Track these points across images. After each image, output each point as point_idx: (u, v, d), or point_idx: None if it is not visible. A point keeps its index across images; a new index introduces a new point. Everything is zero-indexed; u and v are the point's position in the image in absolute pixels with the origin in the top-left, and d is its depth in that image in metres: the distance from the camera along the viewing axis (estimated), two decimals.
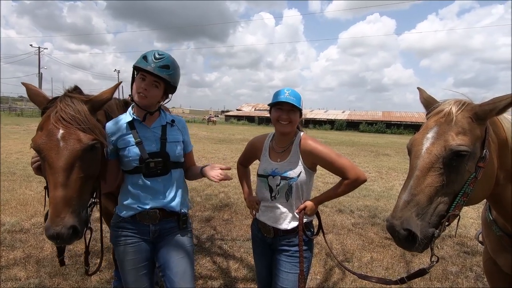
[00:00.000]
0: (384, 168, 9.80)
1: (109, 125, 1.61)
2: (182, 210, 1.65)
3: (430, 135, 1.25)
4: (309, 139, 1.68)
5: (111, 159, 1.57)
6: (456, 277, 3.11)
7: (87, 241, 1.52)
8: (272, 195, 1.66)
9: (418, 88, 1.54)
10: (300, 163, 1.63)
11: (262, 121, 52.45)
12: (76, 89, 1.54)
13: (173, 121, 1.70)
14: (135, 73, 1.59)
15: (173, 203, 1.60)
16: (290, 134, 1.68)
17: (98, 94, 1.50)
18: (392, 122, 45.72)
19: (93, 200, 1.45)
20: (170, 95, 1.71)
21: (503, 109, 1.18)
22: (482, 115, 1.20)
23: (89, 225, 1.40)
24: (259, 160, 1.78)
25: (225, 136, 20.06)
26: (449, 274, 3.17)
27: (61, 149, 1.28)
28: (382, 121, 46.73)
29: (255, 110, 60.76)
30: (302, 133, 1.72)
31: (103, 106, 1.52)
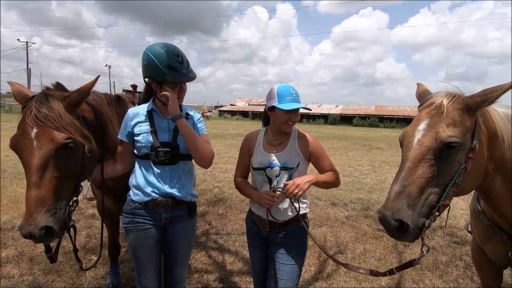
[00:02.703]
0: (377, 162, 9.92)
1: (131, 111, 1.70)
2: (191, 200, 1.73)
3: (421, 127, 1.27)
4: (305, 133, 1.76)
5: (127, 142, 1.67)
6: (446, 266, 3.19)
7: (72, 238, 1.53)
8: (272, 186, 1.67)
9: (417, 83, 1.56)
10: (298, 154, 1.68)
11: (256, 116, 52.37)
12: (57, 86, 1.52)
13: (187, 114, 1.73)
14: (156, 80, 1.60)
15: (180, 193, 1.65)
16: None
17: (75, 90, 1.48)
18: (385, 116, 46.12)
19: (75, 198, 1.45)
20: None
21: (494, 100, 1.21)
22: (474, 107, 1.22)
23: (70, 223, 1.41)
24: (251, 154, 1.78)
25: (219, 132, 20.00)
26: (439, 263, 3.25)
27: (35, 148, 1.28)
28: (375, 115, 47.10)
29: (249, 105, 60.59)
30: (297, 128, 1.75)
31: (81, 103, 1.51)
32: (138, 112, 1.67)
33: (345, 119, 48.48)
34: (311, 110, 1.80)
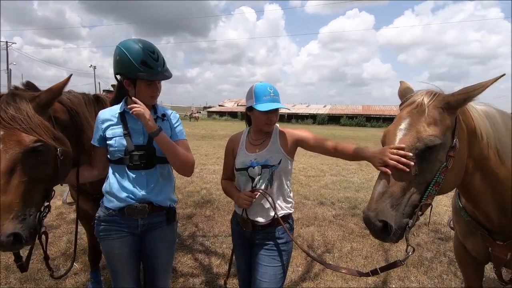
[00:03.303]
0: (364, 161, 10.06)
1: (103, 113, 1.60)
2: (171, 205, 1.65)
3: (402, 126, 1.27)
4: (286, 128, 1.74)
5: (99, 147, 1.58)
6: (431, 263, 3.24)
7: (43, 246, 1.47)
8: (253, 185, 1.64)
9: (400, 82, 1.57)
10: (280, 151, 1.64)
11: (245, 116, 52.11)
12: (27, 85, 1.45)
13: (164, 115, 1.65)
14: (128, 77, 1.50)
15: (158, 198, 1.58)
16: None
17: (45, 90, 1.42)
18: (372, 116, 46.93)
19: (47, 203, 1.38)
20: None
21: (474, 98, 1.21)
22: (455, 105, 1.23)
23: (42, 230, 1.34)
24: (235, 156, 1.74)
25: (207, 132, 19.83)
26: (424, 260, 3.29)
27: (1, 152, 1.21)
28: (362, 114, 47.87)
29: (237, 105, 60.45)
30: (278, 125, 1.72)
31: (52, 103, 1.44)
32: (110, 114, 1.59)
33: (333, 119, 49.07)
34: (289, 109, 1.77)
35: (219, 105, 65.70)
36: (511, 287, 1.62)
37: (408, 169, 1.17)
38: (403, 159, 1.17)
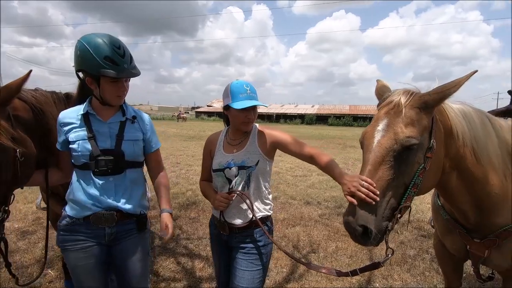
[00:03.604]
0: (351, 160, 10.15)
1: (64, 114, 1.49)
2: (141, 212, 1.55)
3: (380, 127, 1.25)
4: (265, 128, 1.68)
5: (63, 151, 1.49)
6: (414, 260, 3.28)
7: (3, 252, 1.38)
8: (230, 187, 1.59)
9: (377, 80, 1.55)
10: (258, 152, 1.60)
11: None
12: None
13: (134, 117, 1.56)
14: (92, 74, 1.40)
15: (127, 205, 1.48)
16: None
17: (2, 87, 1.32)
18: (359, 115, 47.62)
19: (6, 208, 1.30)
20: None
21: (450, 96, 1.21)
22: (432, 103, 1.22)
23: (1, 235, 1.27)
24: (213, 157, 1.69)
25: (195, 133, 19.64)
26: (407, 257, 3.33)
27: None
28: (349, 114, 48.52)
29: None
30: (257, 125, 1.68)
31: (9, 101, 1.34)
32: (72, 115, 1.47)
33: (321, 119, 49.55)
34: (267, 106, 1.72)
35: (207, 106, 65.25)
36: (489, 284, 1.64)
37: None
38: (371, 194, 1.15)
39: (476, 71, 1.21)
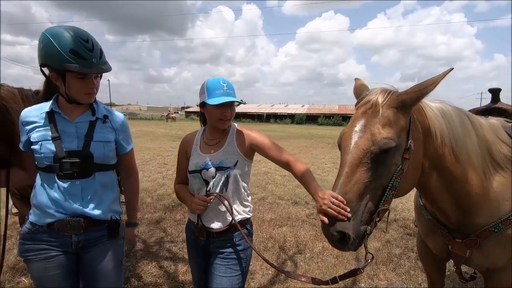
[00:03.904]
0: (339, 159, 10.22)
1: (26, 112, 1.39)
2: (113, 217, 1.46)
3: (357, 128, 1.22)
4: (244, 128, 1.62)
5: (26, 151, 1.39)
6: (399, 259, 3.28)
7: None
8: (207, 189, 1.52)
9: (355, 79, 1.51)
10: (236, 152, 1.54)
11: None
12: None
13: (106, 116, 1.46)
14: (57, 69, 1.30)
15: (96, 211, 1.39)
16: None
17: None
18: (348, 115, 48.11)
19: None
20: None
21: (427, 94, 1.18)
22: (409, 103, 1.18)
23: None
24: (189, 158, 1.62)
25: (184, 133, 19.37)
26: (393, 256, 3.33)
27: None
28: (338, 114, 49.00)
29: None
30: (236, 124, 1.63)
31: None
32: (35, 113, 1.37)
33: (311, 119, 49.90)
34: (245, 103, 1.66)
35: (197, 105, 64.84)
36: (471, 284, 1.63)
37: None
38: (342, 211, 1.13)
39: (452, 69, 1.18)
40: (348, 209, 1.12)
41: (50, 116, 1.36)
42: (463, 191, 1.33)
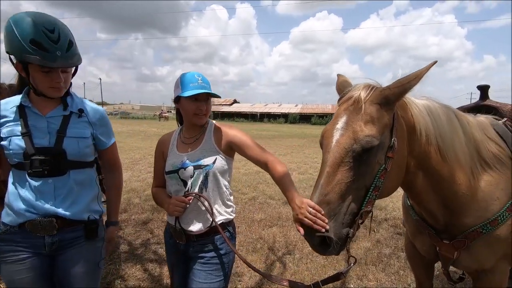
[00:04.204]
0: None
1: None
2: (91, 217, 1.39)
3: (339, 125, 1.15)
4: (223, 125, 1.55)
5: None
6: (389, 259, 3.25)
7: None
8: (186, 189, 1.44)
9: (337, 75, 1.45)
10: (214, 149, 1.46)
11: (217, 116, 51.75)
12: None
13: (81, 111, 1.37)
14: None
15: (70, 211, 1.31)
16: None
17: None
18: None
19: None
20: None
21: (410, 89, 1.13)
22: (393, 98, 1.13)
23: None
24: (166, 159, 1.54)
25: None
26: (383, 256, 3.30)
27: None
28: (332, 113, 49.10)
29: None
30: (213, 122, 1.55)
31: None
32: (5, 107, 1.30)
33: (304, 118, 50.04)
34: (220, 97, 1.56)
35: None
36: (460, 286, 1.59)
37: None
38: (319, 221, 1.06)
39: (435, 62, 1.12)
40: (326, 220, 1.06)
41: (21, 110, 1.29)
42: (450, 191, 1.29)
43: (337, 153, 1.09)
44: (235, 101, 62.71)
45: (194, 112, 1.43)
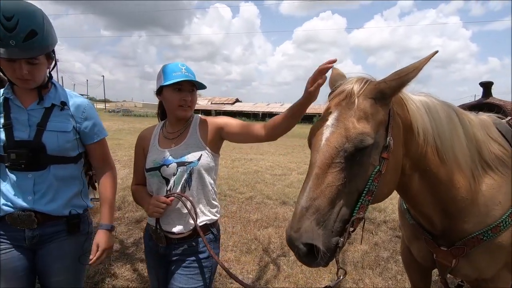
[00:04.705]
0: None
1: None
2: (72, 212, 1.34)
3: (330, 122, 1.05)
4: (207, 117, 1.48)
5: None
6: (387, 262, 3.16)
7: None
8: (168, 188, 1.35)
9: (332, 68, 1.35)
10: (200, 145, 1.38)
11: (219, 114, 51.73)
12: None
13: (63, 103, 1.31)
14: None
15: (49, 206, 1.28)
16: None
17: None
18: None
19: None
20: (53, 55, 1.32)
21: (408, 83, 1.03)
22: (389, 92, 1.03)
23: None
24: (146, 156, 1.45)
25: None
26: (380, 260, 3.21)
27: None
28: None
29: (211, 104, 59.60)
30: (198, 115, 1.47)
31: None
32: None
33: (306, 118, 49.83)
34: (205, 87, 1.44)
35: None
36: None
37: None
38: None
39: (436, 52, 1.03)
40: None
41: (5, 102, 1.27)
42: (448, 195, 1.19)
43: (327, 152, 0.99)
44: (237, 100, 62.65)
45: (178, 103, 1.34)
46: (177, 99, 1.34)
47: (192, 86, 1.37)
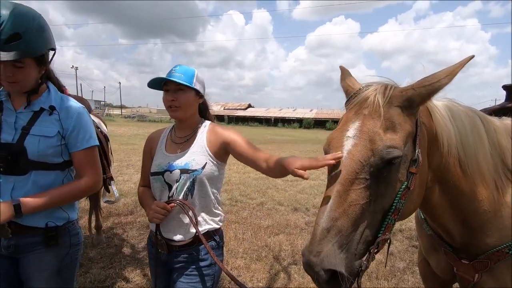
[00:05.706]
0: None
1: None
2: (49, 224, 1.28)
3: (351, 132, 0.96)
4: (218, 126, 1.44)
5: None
6: (403, 274, 3.03)
7: None
8: (170, 194, 1.33)
9: (340, 67, 1.30)
10: (205, 153, 1.35)
11: (232, 120, 52.09)
12: None
13: (52, 108, 1.27)
14: None
15: (24, 216, 1.19)
16: (190, 121, 1.41)
17: None
18: None
19: None
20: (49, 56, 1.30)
21: (440, 90, 0.94)
22: (418, 100, 0.95)
23: None
24: (153, 158, 1.45)
25: None
26: (396, 270, 3.08)
27: None
28: None
29: (224, 109, 60.12)
30: (209, 122, 1.45)
31: None
32: None
33: (319, 123, 49.48)
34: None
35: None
36: None
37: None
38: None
39: (472, 56, 0.94)
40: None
41: (1, 105, 1.28)
42: (470, 208, 1.11)
43: (351, 167, 0.90)
44: (249, 106, 62.96)
45: (167, 104, 1.35)
46: (165, 100, 1.34)
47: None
